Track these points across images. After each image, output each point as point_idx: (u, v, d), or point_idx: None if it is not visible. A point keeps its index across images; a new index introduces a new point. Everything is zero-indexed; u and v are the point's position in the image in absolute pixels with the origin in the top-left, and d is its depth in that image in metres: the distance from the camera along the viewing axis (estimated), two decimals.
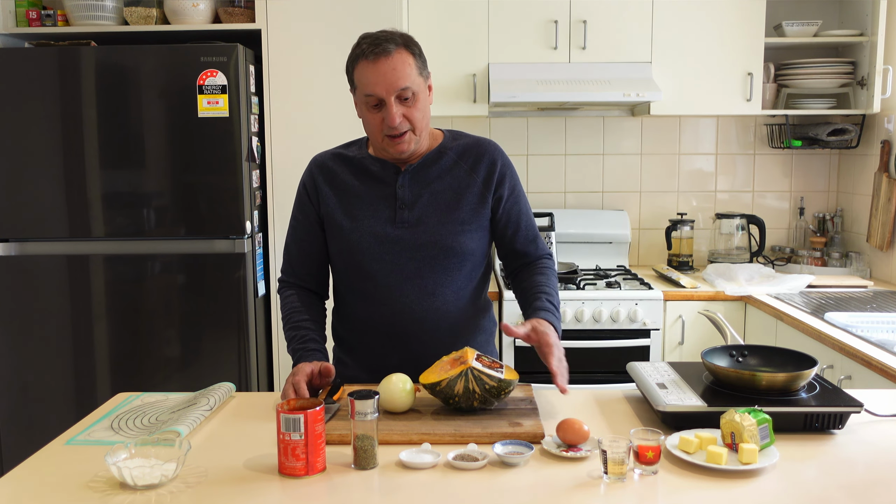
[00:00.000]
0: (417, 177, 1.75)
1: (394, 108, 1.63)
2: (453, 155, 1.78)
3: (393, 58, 1.62)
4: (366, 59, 1.63)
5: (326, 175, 1.80)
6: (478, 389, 1.49)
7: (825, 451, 1.39)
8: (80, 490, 1.25)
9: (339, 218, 1.76)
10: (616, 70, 3.25)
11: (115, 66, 2.83)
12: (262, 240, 3.04)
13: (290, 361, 3.06)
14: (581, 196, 3.70)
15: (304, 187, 1.83)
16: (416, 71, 1.66)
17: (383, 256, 1.72)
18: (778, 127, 3.56)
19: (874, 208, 3.28)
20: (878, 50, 3.16)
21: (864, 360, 2.15)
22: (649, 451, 1.27)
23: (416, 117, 1.67)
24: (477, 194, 1.75)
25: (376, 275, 1.73)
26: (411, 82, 1.64)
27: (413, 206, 1.73)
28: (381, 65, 1.62)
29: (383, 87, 1.63)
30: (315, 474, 1.30)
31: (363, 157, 1.79)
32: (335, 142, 2.96)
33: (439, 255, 1.72)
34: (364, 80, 1.65)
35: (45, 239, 2.91)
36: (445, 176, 1.75)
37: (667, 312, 3.05)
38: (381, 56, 1.62)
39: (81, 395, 2.95)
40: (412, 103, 1.66)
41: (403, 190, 1.74)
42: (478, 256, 1.78)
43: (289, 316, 1.79)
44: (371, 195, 1.75)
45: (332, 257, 1.81)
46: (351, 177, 1.78)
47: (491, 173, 1.76)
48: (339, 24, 2.97)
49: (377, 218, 1.73)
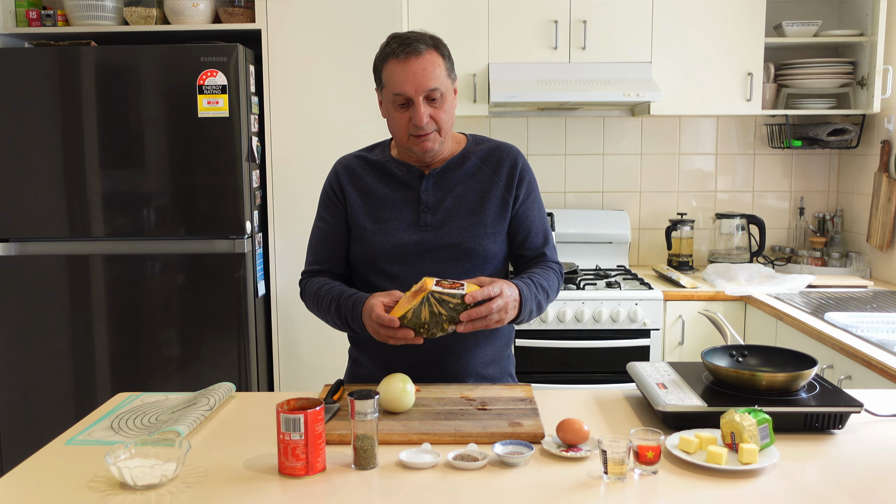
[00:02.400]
0: (441, 181, 1.75)
1: (421, 109, 1.64)
2: (476, 160, 1.78)
3: (423, 58, 1.63)
4: (396, 58, 1.63)
5: (351, 177, 1.80)
6: (443, 311, 1.50)
7: (825, 451, 1.39)
8: (80, 490, 1.25)
9: (363, 220, 1.76)
10: (616, 70, 3.25)
11: (115, 66, 2.83)
12: (262, 240, 3.04)
13: (290, 362, 3.09)
14: (581, 196, 3.70)
15: (330, 188, 1.82)
16: (444, 73, 1.67)
17: (406, 259, 1.72)
18: (778, 127, 3.56)
19: (874, 208, 3.28)
20: (878, 50, 3.16)
21: (864, 360, 2.15)
22: (649, 451, 1.27)
23: (443, 118, 1.68)
24: (499, 198, 1.76)
25: (398, 277, 1.72)
26: (440, 83, 1.65)
27: (437, 210, 1.74)
28: (411, 64, 1.62)
29: (412, 87, 1.63)
30: (315, 474, 1.29)
31: (387, 161, 1.79)
32: (335, 141, 2.98)
33: (462, 258, 1.72)
34: (393, 78, 1.64)
35: (45, 239, 2.91)
36: (469, 180, 1.76)
37: (667, 312, 3.05)
38: (412, 56, 1.62)
39: (81, 395, 2.95)
40: (439, 104, 1.67)
41: (427, 194, 1.74)
42: (498, 260, 1.79)
43: (319, 288, 1.75)
44: (395, 198, 1.75)
45: (354, 258, 1.80)
46: (375, 180, 1.78)
47: (512, 177, 1.77)
48: (339, 24, 2.97)
49: (401, 221, 1.73)
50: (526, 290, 1.64)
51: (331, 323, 1.74)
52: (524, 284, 1.66)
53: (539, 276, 1.73)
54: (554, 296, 1.78)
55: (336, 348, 2.97)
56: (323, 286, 1.75)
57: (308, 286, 1.80)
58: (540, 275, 1.74)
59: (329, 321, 1.74)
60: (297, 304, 3.04)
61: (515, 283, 1.64)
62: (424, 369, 1.71)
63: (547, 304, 1.75)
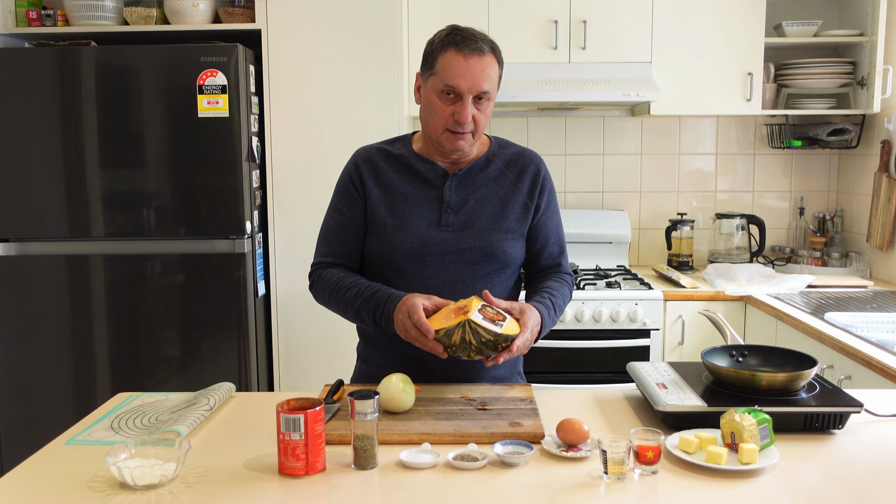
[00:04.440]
0: (465, 182, 1.75)
1: (469, 107, 1.65)
2: (501, 164, 1.78)
3: (485, 59, 1.65)
4: (458, 51, 1.64)
5: (372, 169, 1.77)
6: (474, 341, 1.50)
7: (825, 451, 1.39)
8: (80, 490, 1.25)
9: (382, 215, 1.73)
10: (616, 70, 3.25)
11: (115, 66, 2.83)
12: (262, 240, 3.04)
13: (290, 362, 3.09)
14: (581, 196, 3.70)
15: (349, 178, 1.78)
16: (497, 78, 1.69)
17: (425, 258, 1.70)
18: (778, 127, 3.56)
19: (874, 208, 3.28)
20: (878, 50, 3.16)
21: (864, 360, 2.15)
22: (649, 451, 1.27)
23: (482, 120, 1.68)
24: (521, 204, 1.76)
25: (416, 275, 1.70)
26: (491, 87, 1.66)
27: (459, 211, 1.73)
28: (472, 61, 1.63)
29: (468, 83, 1.63)
30: (315, 474, 1.29)
31: (409, 156, 1.77)
32: (335, 141, 2.98)
33: (482, 260, 1.71)
34: (450, 69, 1.64)
35: (45, 239, 2.91)
36: (492, 183, 1.76)
37: (667, 312, 3.05)
38: (476, 53, 1.63)
39: (81, 395, 2.95)
40: (484, 107, 1.68)
41: (451, 194, 1.73)
42: (516, 264, 1.79)
43: (340, 280, 1.72)
44: (417, 195, 1.74)
45: (369, 254, 1.76)
46: (396, 175, 1.76)
47: (535, 184, 1.78)
48: (340, 23, 2.97)
49: (422, 219, 1.72)
50: (546, 317, 1.66)
51: (349, 316, 1.71)
52: (545, 310, 1.66)
53: (556, 294, 1.74)
54: (565, 309, 1.79)
55: (336, 348, 2.98)
56: (344, 278, 1.72)
57: (322, 277, 1.76)
58: (556, 292, 1.75)
59: (348, 314, 1.71)
60: (297, 304, 3.06)
61: (537, 307, 1.64)
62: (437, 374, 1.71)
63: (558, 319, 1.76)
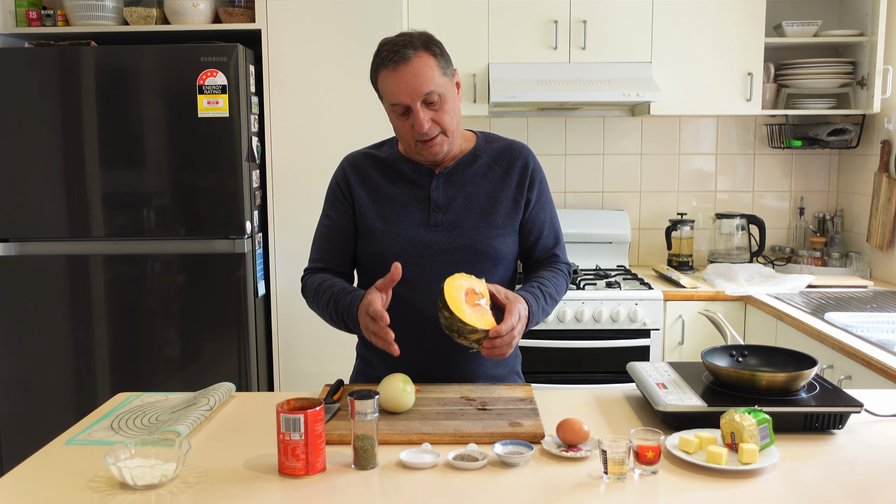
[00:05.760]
0: (452, 180, 1.73)
1: (421, 114, 1.61)
2: (488, 158, 1.76)
3: (413, 63, 1.59)
4: (386, 68, 1.61)
5: (359, 175, 1.77)
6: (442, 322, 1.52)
7: (825, 451, 1.39)
8: (80, 490, 1.25)
9: (371, 220, 1.73)
10: (616, 70, 3.25)
11: (115, 66, 2.83)
12: (262, 240, 3.04)
13: (290, 362, 3.09)
14: (581, 196, 3.70)
15: (337, 186, 1.79)
16: (438, 72, 1.62)
17: (416, 259, 1.69)
18: (778, 127, 3.56)
19: (874, 208, 3.28)
20: (878, 50, 3.16)
21: (864, 360, 2.15)
22: (649, 451, 1.27)
23: (445, 120, 1.64)
24: (511, 198, 1.74)
25: (409, 279, 1.67)
26: (435, 85, 1.61)
27: (447, 210, 1.72)
28: (401, 72, 1.59)
29: (407, 95, 1.60)
30: (315, 474, 1.29)
31: (395, 158, 1.77)
32: (335, 141, 2.98)
33: (473, 258, 1.70)
34: (388, 89, 1.62)
35: (45, 239, 2.91)
36: (480, 179, 1.74)
37: (667, 312, 3.05)
38: (401, 63, 1.59)
39: (81, 395, 2.95)
40: (439, 106, 1.63)
41: (437, 193, 1.72)
42: (510, 260, 1.77)
43: (319, 284, 1.73)
44: (404, 197, 1.73)
45: (362, 258, 1.77)
46: (382, 178, 1.76)
47: (524, 177, 1.76)
48: (340, 23, 2.97)
49: (411, 221, 1.71)
50: (534, 305, 1.64)
51: (328, 320, 1.73)
52: (533, 298, 1.64)
53: (548, 283, 1.72)
54: (560, 299, 1.77)
55: (336, 348, 2.98)
56: (323, 282, 1.73)
57: (309, 283, 1.78)
58: (549, 281, 1.73)
59: (326, 318, 1.73)
60: (297, 305, 3.06)
61: (524, 296, 1.63)
62: (435, 374, 1.71)
63: (552, 310, 1.74)
